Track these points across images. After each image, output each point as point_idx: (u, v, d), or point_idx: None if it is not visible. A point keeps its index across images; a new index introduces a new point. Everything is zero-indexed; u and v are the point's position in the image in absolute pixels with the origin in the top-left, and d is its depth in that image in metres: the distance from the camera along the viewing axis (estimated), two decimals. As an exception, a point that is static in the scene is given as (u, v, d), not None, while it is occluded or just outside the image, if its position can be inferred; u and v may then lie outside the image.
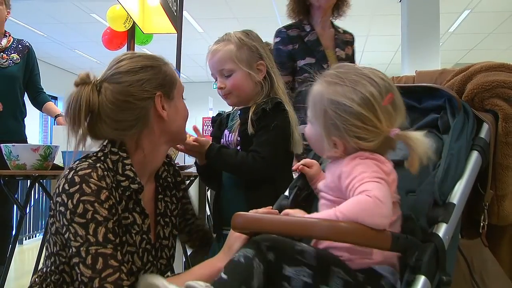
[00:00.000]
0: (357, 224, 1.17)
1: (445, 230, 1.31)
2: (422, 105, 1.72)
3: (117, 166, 1.61)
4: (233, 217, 1.27)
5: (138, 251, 1.64)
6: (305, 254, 1.27)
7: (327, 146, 1.41)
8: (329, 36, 3.36)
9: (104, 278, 1.44)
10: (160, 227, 1.77)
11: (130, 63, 1.68)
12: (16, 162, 3.07)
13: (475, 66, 1.75)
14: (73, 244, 1.48)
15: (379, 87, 1.36)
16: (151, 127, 1.67)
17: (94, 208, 1.49)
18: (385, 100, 1.35)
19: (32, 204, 7.21)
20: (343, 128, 1.35)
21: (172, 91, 1.70)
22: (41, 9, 9.80)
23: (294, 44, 3.27)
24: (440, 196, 1.39)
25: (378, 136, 1.34)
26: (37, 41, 11.69)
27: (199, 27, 11.11)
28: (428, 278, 1.19)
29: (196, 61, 13.79)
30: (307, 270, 1.25)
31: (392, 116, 1.36)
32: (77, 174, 1.52)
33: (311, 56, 3.25)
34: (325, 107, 1.38)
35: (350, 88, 1.36)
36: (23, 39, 4.18)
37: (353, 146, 1.36)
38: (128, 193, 1.61)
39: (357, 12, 9.74)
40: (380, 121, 1.33)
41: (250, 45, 2.06)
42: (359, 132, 1.34)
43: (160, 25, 4.91)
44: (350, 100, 1.35)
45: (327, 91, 1.40)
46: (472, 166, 1.49)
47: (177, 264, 3.71)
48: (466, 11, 9.77)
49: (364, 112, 1.33)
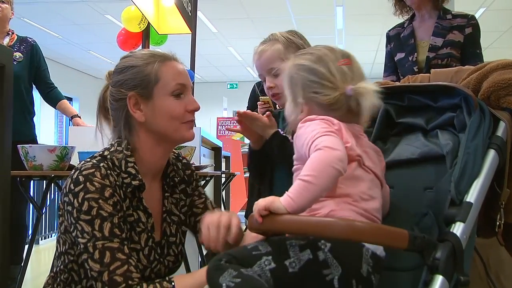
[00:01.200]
0: (373, 224, 1.17)
1: (462, 229, 1.31)
2: (437, 104, 1.71)
3: (121, 163, 1.63)
4: (249, 217, 1.27)
5: (144, 249, 1.65)
6: (259, 247, 1.27)
7: (296, 112, 1.53)
8: (428, 26, 3.38)
9: (113, 271, 1.47)
10: (167, 224, 1.76)
11: (121, 63, 1.73)
12: (33, 163, 3.10)
13: (491, 64, 1.74)
14: (81, 241, 1.51)
15: (335, 52, 1.51)
16: (136, 128, 1.68)
17: (99, 204, 1.52)
18: (340, 61, 1.48)
19: (48, 204, 7.25)
20: (302, 85, 1.50)
21: (150, 90, 1.65)
22: (56, 11, 9.86)
23: (391, 43, 3.49)
24: (457, 195, 1.38)
25: (333, 91, 1.44)
26: (52, 42, 11.79)
27: (213, 28, 11.13)
28: (445, 277, 1.18)
29: (210, 61, 13.83)
30: (267, 258, 1.24)
31: (347, 75, 1.46)
32: (81, 173, 1.55)
33: (402, 51, 3.38)
34: (291, 73, 1.54)
35: (310, 55, 1.53)
36: (27, 37, 4.16)
37: (314, 104, 1.48)
38: (130, 189, 1.62)
39: (371, 11, 9.75)
40: (334, 75, 1.45)
41: (298, 43, 2.04)
42: (316, 87, 1.47)
43: (175, 26, 4.93)
44: (307, 60, 1.51)
45: (292, 62, 1.56)
46: (489, 164, 1.48)
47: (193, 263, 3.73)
48: (481, 9, 9.71)
49: (317, 67, 1.48)
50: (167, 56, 1.71)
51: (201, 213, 1.83)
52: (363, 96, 1.41)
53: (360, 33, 11.56)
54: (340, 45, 12.76)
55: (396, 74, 3.47)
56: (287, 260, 1.24)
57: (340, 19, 10.71)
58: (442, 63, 3.22)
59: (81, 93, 14.73)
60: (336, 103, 1.44)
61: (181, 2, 4.58)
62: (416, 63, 3.31)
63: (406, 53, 3.36)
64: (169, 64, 1.70)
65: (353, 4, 9.57)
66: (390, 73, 3.51)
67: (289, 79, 1.55)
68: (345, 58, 1.49)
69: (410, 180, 1.64)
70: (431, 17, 3.37)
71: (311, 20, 10.56)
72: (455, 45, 3.26)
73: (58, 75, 4.38)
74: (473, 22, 3.32)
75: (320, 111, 1.46)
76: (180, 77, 1.70)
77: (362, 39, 12.08)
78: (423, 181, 1.59)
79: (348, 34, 11.80)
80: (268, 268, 1.22)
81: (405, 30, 3.44)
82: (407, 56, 3.36)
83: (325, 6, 9.78)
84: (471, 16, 3.38)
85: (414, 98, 1.73)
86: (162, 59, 1.69)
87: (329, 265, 1.24)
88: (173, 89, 1.67)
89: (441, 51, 3.25)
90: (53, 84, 4.26)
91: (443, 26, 3.30)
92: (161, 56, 1.70)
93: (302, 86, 1.50)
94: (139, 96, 1.65)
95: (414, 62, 3.32)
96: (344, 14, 10.33)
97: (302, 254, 1.25)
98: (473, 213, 1.36)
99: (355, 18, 10.49)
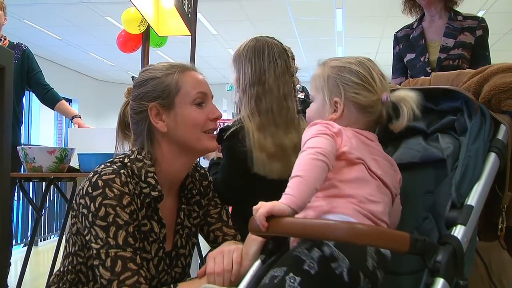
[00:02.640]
0: (375, 226, 1.17)
1: (463, 232, 1.30)
2: (438, 107, 1.71)
3: (141, 173, 1.63)
4: (251, 220, 1.27)
5: (154, 259, 1.65)
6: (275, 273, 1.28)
7: (328, 109, 1.56)
8: (438, 27, 3.37)
9: (123, 281, 1.46)
10: (179, 236, 1.77)
11: (140, 77, 1.74)
12: (32, 165, 3.10)
13: (492, 67, 1.74)
14: (94, 246, 1.51)
15: (373, 62, 1.59)
16: (158, 140, 1.69)
17: (116, 211, 1.51)
18: (378, 71, 1.56)
19: (47, 206, 7.24)
20: (343, 86, 1.53)
21: (171, 100, 1.67)
22: (56, 12, 9.86)
23: (400, 45, 3.47)
24: (458, 198, 1.38)
25: (373, 95, 1.51)
26: (52, 44, 11.79)
27: (213, 29, 11.12)
28: (447, 280, 1.18)
29: (210, 63, 13.81)
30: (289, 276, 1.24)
31: (384, 84, 1.54)
32: (101, 178, 1.55)
33: (412, 51, 3.37)
34: (328, 74, 1.57)
35: (349, 58, 1.59)
36: (20, 43, 4.11)
37: (351, 104, 1.52)
38: (148, 200, 1.62)
39: (371, 14, 9.75)
40: (374, 80, 1.53)
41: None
42: (357, 88, 1.52)
43: (175, 28, 4.91)
44: (349, 63, 1.56)
45: (328, 65, 1.60)
46: (489, 168, 1.48)
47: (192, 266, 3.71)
48: (481, 12, 9.70)
49: (361, 70, 1.53)
50: (186, 67, 1.73)
51: (216, 223, 1.87)
52: (404, 100, 1.50)
53: (360, 35, 11.55)
54: (340, 47, 12.76)
55: (406, 75, 3.46)
56: (304, 265, 1.25)
57: (340, 21, 10.69)
58: (454, 64, 3.22)
59: (81, 95, 14.73)
60: (373, 106, 1.52)
61: (181, 4, 4.58)
62: (428, 64, 3.31)
63: (417, 53, 3.35)
64: (189, 74, 1.72)
65: (353, 6, 9.56)
66: (399, 74, 3.50)
67: (326, 79, 1.57)
68: (380, 71, 1.57)
69: (410, 183, 1.64)
70: (441, 18, 3.37)
71: (311, 22, 10.55)
72: (466, 47, 3.27)
73: (57, 77, 4.39)
74: (483, 25, 3.34)
75: (356, 113, 1.53)
76: (201, 86, 1.71)
77: (362, 41, 12.08)
78: (424, 185, 1.60)
79: (348, 36, 11.79)
80: (297, 284, 1.23)
81: (414, 31, 3.43)
82: (418, 57, 3.35)
83: (325, 8, 9.76)
84: (482, 18, 3.39)
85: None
86: (181, 69, 1.71)
87: (336, 258, 1.26)
88: (194, 97, 1.68)
89: (452, 52, 3.25)
90: (48, 86, 4.22)
91: (454, 27, 3.30)
92: (181, 67, 1.72)
93: (343, 86, 1.53)
94: (160, 106, 1.66)
95: (426, 63, 3.31)
96: (343, 16, 10.32)
97: (312, 253, 1.27)
98: (474, 216, 1.36)
99: (355, 20, 10.48)
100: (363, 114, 1.52)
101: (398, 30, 3.60)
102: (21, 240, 6.77)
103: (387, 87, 1.55)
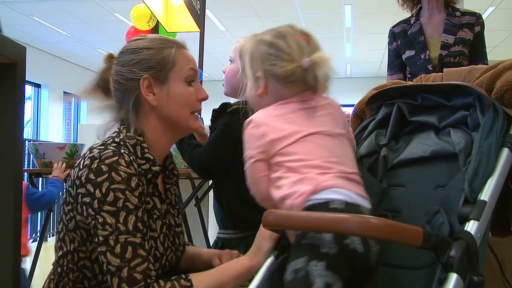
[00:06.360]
0: (388, 220, 1.17)
1: (477, 228, 1.30)
2: (451, 103, 1.70)
3: (136, 149, 1.59)
4: (264, 214, 1.27)
5: (160, 236, 1.62)
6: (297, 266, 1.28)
7: (255, 87, 1.55)
8: (437, 23, 3.34)
9: (133, 268, 1.41)
10: (170, 215, 1.75)
11: (133, 44, 1.70)
12: (43, 160, 3.11)
13: (504, 63, 1.73)
14: (101, 233, 1.45)
15: (295, 28, 1.55)
16: (145, 112, 1.66)
17: (125, 196, 1.46)
18: (299, 36, 1.51)
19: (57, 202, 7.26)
20: (261, 59, 1.52)
21: (165, 73, 1.64)
22: (65, 9, 9.88)
23: (397, 40, 3.41)
24: (471, 193, 1.38)
25: (290, 63, 1.46)
26: (60, 40, 11.81)
27: (221, 26, 11.13)
28: (460, 276, 1.18)
29: (218, 59, 13.80)
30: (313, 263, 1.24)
31: (304, 49, 1.49)
32: (103, 163, 1.49)
33: (411, 48, 3.32)
34: (250, 50, 1.57)
35: (270, 31, 1.57)
36: None
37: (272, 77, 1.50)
38: (150, 175, 1.59)
39: (379, 10, 9.72)
40: (291, 48, 1.48)
41: None
42: (273, 59, 1.49)
43: (183, 24, 4.93)
44: (267, 35, 1.55)
45: (253, 39, 1.59)
46: (503, 163, 1.47)
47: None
48: (491, 8, 9.66)
49: (277, 41, 1.50)
50: (181, 44, 1.73)
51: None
52: (317, 65, 1.44)
53: (369, 31, 11.52)
54: (349, 43, 12.74)
55: (403, 72, 3.43)
56: (321, 249, 1.25)
57: (349, 18, 10.68)
58: (454, 61, 3.20)
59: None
60: (292, 75, 1.47)
61: (190, 0, 4.59)
62: (429, 61, 3.27)
63: (417, 50, 3.31)
64: (183, 51, 1.72)
65: (361, 3, 9.55)
66: (397, 71, 3.44)
67: (250, 55, 1.57)
68: (304, 34, 1.53)
69: (421, 178, 1.64)
70: (440, 14, 3.34)
71: (320, 18, 10.54)
72: (465, 43, 3.25)
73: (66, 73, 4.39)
74: (481, 21, 3.33)
75: (277, 85, 1.51)
76: (193, 63, 1.72)
77: (370, 38, 12.04)
78: (435, 179, 1.59)
79: (357, 32, 11.76)
80: (323, 268, 1.23)
81: (412, 26, 3.38)
82: (418, 54, 3.31)
83: (333, 4, 9.76)
84: (479, 14, 3.38)
85: (428, 97, 1.72)
86: (178, 45, 1.70)
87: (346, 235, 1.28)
88: (187, 74, 1.68)
89: (453, 49, 3.22)
90: None
91: (453, 23, 3.28)
92: (177, 43, 1.72)
93: (261, 59, 1.52)
94: (153, 79, 1.63)
95: (427, 60, 3.28)
96: (352, 13, 10.31)
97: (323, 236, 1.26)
98: (487, 212, 1.35)
99: (364, 16, 10.46)
100: (285, 86, 1.50)
101: (394, 25, 3.55)
102: (30, 235, 6.81)
103: (311, 51, 1.49)
